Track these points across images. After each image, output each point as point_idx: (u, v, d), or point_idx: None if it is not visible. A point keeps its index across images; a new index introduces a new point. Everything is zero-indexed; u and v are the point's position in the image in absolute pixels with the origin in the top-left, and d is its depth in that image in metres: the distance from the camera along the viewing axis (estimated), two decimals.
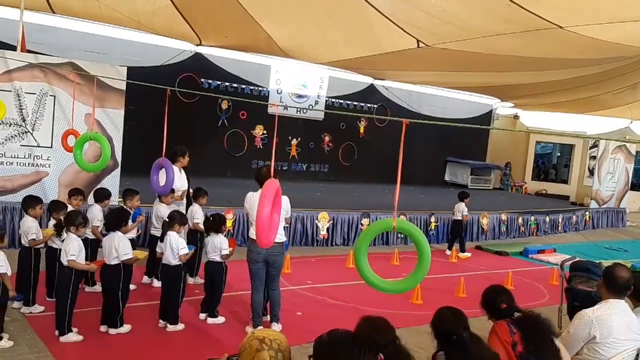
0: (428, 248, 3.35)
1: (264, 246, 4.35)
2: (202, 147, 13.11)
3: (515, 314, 3.44)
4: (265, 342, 2.13)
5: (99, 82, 8.00)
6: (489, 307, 3.57)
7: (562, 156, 22.89)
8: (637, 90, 15.23)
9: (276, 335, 2.19)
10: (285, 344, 2.17)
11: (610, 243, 13.51)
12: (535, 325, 3.36)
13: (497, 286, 3.71)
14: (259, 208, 3.62)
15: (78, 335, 4.95)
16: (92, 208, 6.37)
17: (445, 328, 3.10)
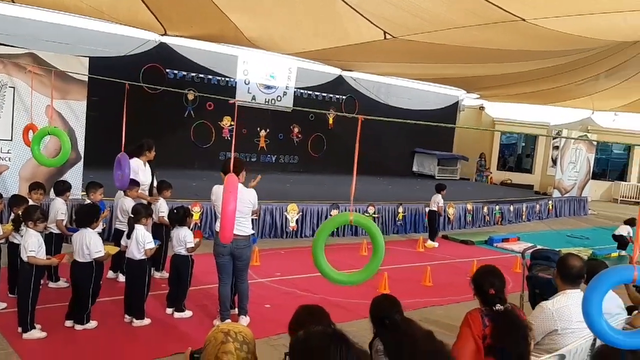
0: (382, 241, 3.50)
1: (225, 241, 4.35)
2: (169, 138, 12.93)
3: (496, 306, 3.37)
4: (230, 334, 2.13)
5: (61, 73, 7.82)
6: (477, 288, 3.51)
7: (526, 146, 23.36)
8: (598, 82, 15.62)
9: (241, 328, 2.20)
10: (250, 337, 2.18)
11: (572, 231, 13.88)
12: (510, 327, 3.31)
13: (490, 268, 3.63)
14: (224, 204, 3.62)
15: (42, 332, 4.86)
16: (55, 202, 6.25)
17: (380, 313, 3.25)
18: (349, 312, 6.27)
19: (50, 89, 7.32)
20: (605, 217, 17.43)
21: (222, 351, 2.09)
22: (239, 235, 5.32)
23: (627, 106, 18.01)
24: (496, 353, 3.28)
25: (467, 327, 3.36)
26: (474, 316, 3.39)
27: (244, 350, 2.11)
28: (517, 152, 23.84)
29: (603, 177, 22.73)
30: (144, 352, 4.78)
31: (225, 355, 2.08)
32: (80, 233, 5.17)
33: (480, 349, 3.29)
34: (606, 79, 15.30)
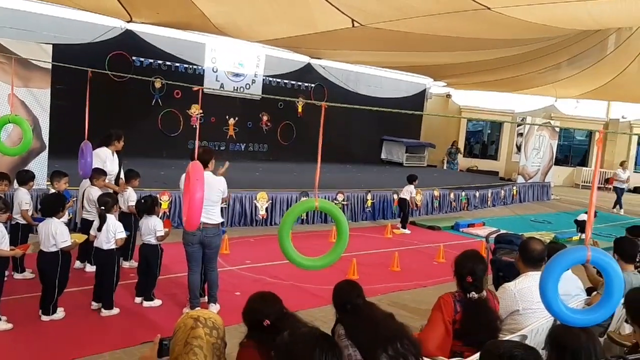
0: (347, 226, 3.62)
1: (191, 228, 4.37)
2: (136, 127, 12.77)
3: (470, 294, 3.44)
4: (200, 320, 2.16)
5: (23, 60, 7.64)
6: (456, 273, 3.57)
7: (492, 133, 23.77)
8: (560, 70, 15.99)
9: (210, 314, 2.23)
10: (219, 322, 2.22)
11: (535, 216, 14.24)
12: (480, 317, 3.39)
13: (472, 254, 3.67)
14: (191, 191, 3.63)
15: (7, 324, 4.80)
16: (18, 192, 6.14)
17: (341, 299, 3.29)
18: (319, 298, 6.35)
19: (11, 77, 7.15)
20: (567, 201, 17.92)
21: (191, 336, 2.11)
22: (208, 224, 5.34)
23: (588, 93, 18.48)
24: (463, 338, 3.39)
25: (439, 311, 3.44)
26: (446, 301, 3.47)
27: (213, 336, 2.15)
28: (482, 139, 24.24)
29: (565, 163, 23.30)
30: (113, 341, 4.77)
31: (195, 340, 2.10)
32: (46, 223, 5.11)
33: (449, 333, 3.39)
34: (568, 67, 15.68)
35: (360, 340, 3.01)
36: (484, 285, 3.53)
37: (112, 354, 4.52)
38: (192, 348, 2.09)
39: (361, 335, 3.01)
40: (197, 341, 2.10)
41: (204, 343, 2.11)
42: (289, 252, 3.59)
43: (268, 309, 2.81)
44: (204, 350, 2.10)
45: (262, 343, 2.68)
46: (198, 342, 2.10)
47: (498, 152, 22.43)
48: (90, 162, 6.05)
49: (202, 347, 2.10)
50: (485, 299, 3.52)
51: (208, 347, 2.11)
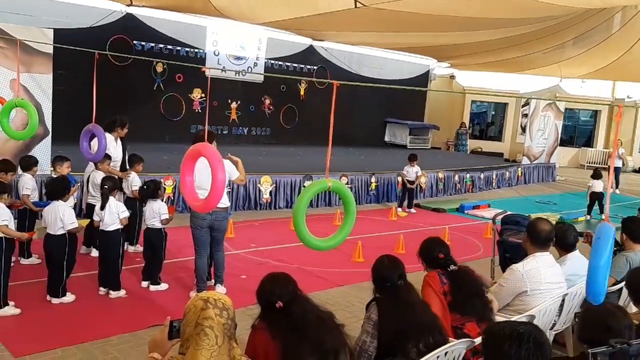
0: (355, 206, 3.78)
1: (208, 210, 4.38)
2: (138, 111, 12.72)
3: (450, 267, 3.59)
4: (210, 301, 2.16)
5: (25, 45, 7.58)
6: (426, 256, 3.71)
7: (496, 115, 23.64)
8: (566, 50, 15.83)
9: (220, 296, 2.23)
10: (229, 303, 2.21)
11: (540, 197, 14.20)
12: (465, 281, 3.53)
13: (435, 238, 3.86)
14: (214, 173, 3.66)
15: (15, 309, 4.82)
16: (22, 177, 6.12)
17: (381, 274, 3.24)
18: (324, 280, 6.37)
19: (15, 62, 7.11)
20: (572, 182, 17.86)
21: (202, 317, 2.12)
22: (218, 207, 5.34)
23: (593, 73, 18.31)
24: (457, 308, 3.44)
25: (428, 286, 3.51)
26: (432, 276, 3.56)
27: (223, 316, 2.15)
28: (487, 120, 24.11)
29: (570, 144, 23.20)
30: (121, 325, 4.78)
31: (206, 321, 2.11)
32: (53, 206, 5.13)
33: (444, 305, 3.44)
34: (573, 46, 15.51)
35: (392, 327, 3.00)
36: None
37: (120, 338, 4.54)
38: (203, 329, 2.10)
39: (396, 323, 3.00)
40: (208, 322, 2.11)
41: (214, 324, 2.11)
42: (303, 233, 3.61)
43: (280, 290, 2.78)
44: (215, 330, 2.11)
45: (274, 326, 2.68)
46: (209, 323, 2.11)
47: (503, 134, 22.32)
48: (104, 144, 5.99)
49: (212, 327, 2.10)
50: (464, 267, 3.66)
51: (219, 328, 2.12)
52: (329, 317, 2.81)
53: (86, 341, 4.42)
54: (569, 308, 4.15)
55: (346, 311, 5.32)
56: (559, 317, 4.08)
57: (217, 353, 2.10)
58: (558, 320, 4.09)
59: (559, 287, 4.01)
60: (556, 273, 4.06)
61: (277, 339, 2.61)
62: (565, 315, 4.13)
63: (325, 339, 2.65)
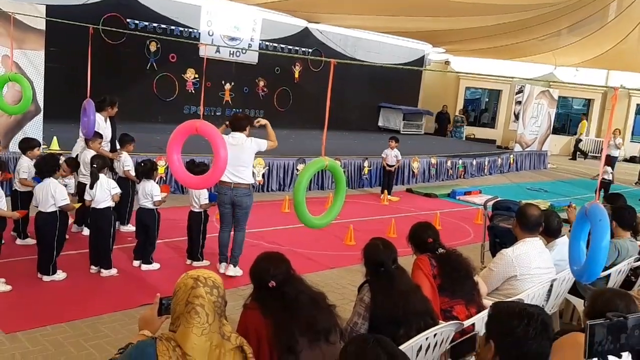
0: (345, 182, 4.14)
1: (208, 185, 4.87)
2: (130, 91, 12.62)
3: (439, 250, 3.64)
4: (200, 279, 2.17)
5: (17, 21, 7.47)
6: (416, 240, 3.75)
7: (490, 101, 23.64)
8: (560, 37, 15.83)
9: (210, 274, 2.23)
10: (219, 281, 2.23)
11: (532, 184, 14.29)
12: (454, 264, 3.57)
13: (424, 222, 3.90)
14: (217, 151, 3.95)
15: (6, 285, 4.82)
16: (20, 159, 6.05)
17: (374, 258, 3.24)
18: (315, 263, 6.40)
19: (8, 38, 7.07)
20: (564, 170, 17.97)
21: (192, 295, 2.13)
22: (239, 184, 5.56)
23: (588, 62, 18.35)
24: (447, 291, 3.49)
25: (418, 269, 3.56)
26: (422, 259, 3.61)
27: (214, 294, 2.16)
28: (480, 107, 24.12)
29: (563, 132, 23.28)
30: (113, 303, 4.80)
31: (196, 299, 2.12)
32: (44, 183, 5.12)
33: (434, 287, 3.48)
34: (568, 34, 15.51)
35: (385, 313, 3.03)
36: None
37: (111, 316, 4.56)
38: (194, 307, 2.11)
39: (389, 307, 3.03)
40: (199, 300, 2.12)
41: (205, 302, 2.13)
42: (302, 212, 3.79)
43: (275, 269, 2.79)
44: (206, 309, 2.12)
45: (266, 305, 2.69)
46: (199, 301, 2.12)
47: (496, 120, 22.35)
48: (93, 120, 5.98)
49: (203, 305, 2.12)
50: (453, 250, 3.72)
51: (209, 306, 2.13)
52: (321, 297, 2.83)
53: (77, 319, 4.43)
54: (557, 293, 4.20)
55: (337, 293, 5.36)
56: (547, 302, 4.13)
57: (208, 330, 2.11)
58: (546, 305, 4.14)
59: (548, 272, 4.06)
60: (546, 258, 4.11)
61: (269, 318, 2.62)
62: (553, 300, 4.19)
63: (317, 319, 2.67)
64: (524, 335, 2.02)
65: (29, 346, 3.97)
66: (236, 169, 5.49)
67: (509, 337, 2.04)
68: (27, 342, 4.02)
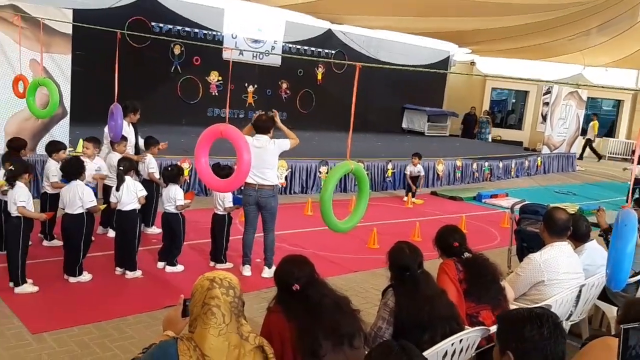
0: (368, 188, 4.19)
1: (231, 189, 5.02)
2: (155, 94, 12.75)
3: (465, 254, 3.58)
4: (216, 280, 2.19)
5: (44, 26, 7.60)
6: (442, 244, 3.70)
7: (516, 103, 23.31)
8: (589, 37, 15.52)
9: (226, 275, 2.25)
10: (235, 282, 2.23)
11: (559, 187, 14.03)
12: (480, 269, 3.52)
13: (451, 226, 3.84)
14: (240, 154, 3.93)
15: (34, 286, 4.89)
16: (48, 163, 6.13)
17: (400, 262, 3.20)
18: (339, 266, 6.36)
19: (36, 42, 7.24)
20: (592, 172, 17.61)
21: (208, 297, 2.15)
22: (264, 185, 5.61)
23: (618, 62, 17.95)
24: (473, 296, 3.44)
25: (444, 273, 3.52)
26: (447, 264, 3.57)
27: (230, 295, 2.17)
28: (507, 108, 23.79)
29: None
30: (138, 305, 4.83)
31: (212, 300, 2.13)
32: (71, 186, 5.18)
33: (460, 292, 3.44)
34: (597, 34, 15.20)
35: (410, 318, 2.99)
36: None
37: (136, 317, 4.58)
38: (210, 308, 2.12)
39: (414, 312, 2.99)
40: (215, 301, 2.13)
41: (221, 303, 2.14)
42: (329, 217, 3.84)
43: (299, 272, 2.77)
44: (222, 309, 2.13)
45: (290, 308, 2.67)
46: (215, 302, 2.13)
47: (523, 122, 22.02)
48: (120, 123, 6.07)
49: (219, 306, 2.13)
50: (479, 254, 3.67)
51: (226, 307, 2.14)
52: (345, 301, 2.80)
53: (102, 320, 4.46)
54: (586, 299, 4.10)
55: (360, 297, 5.31)
56: (576, 308, 4.03)
57: (225, 331, 2.12)
58: (575, 311, 4.05)
59: (577, 278, 3.97)
60: (574, 263, 4.02)
61: (293, 321, 2.60)
62: (582, 306, 4.09)
63: (340, 323, 2.64)
64: (539, 338, 2.00)
65: (55, 347, 4.01)
66: (261, 171, 5.56)
67: (526, 343, 2.01)
68: (53, 343, 4.06)
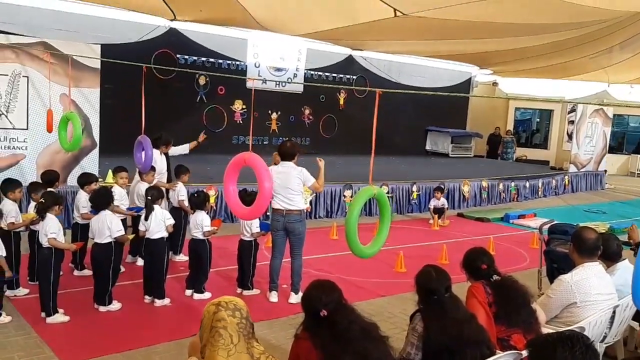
0: (390, 213, 4.27)
1: (255, 216, 5.09)
2: (181, 123, 12.97)
3: (493, 277, 3.53)
4: (221, 304, 2.23)
5: (74, 61, 7.86)
6: (470, 267, 3.66)
7: (541, 121, 23.08)
8: (613, 54, 15.36)
9: (232, 298, 2.29)
10: (241, 304, 2.27)
11: (589, 206, 13.77)
12: (510, 291, 3.46)
13: (479, 248, 3.79)
14: (261, 182, 4.11)
15: (64, 316, 4.96)
16: (79, 194, 6.25)
17: (427, 285, 3.18)
18: (365, 291, 6.32)
19: (66, 77, 7.43)
20: (622, 190, 17.26)
21: (215, 320, 2.18)
22: (291, 210, 5.65)
23: None
24: (503, 319, 3.37)
25: (473, 297, 3.46)
26: (476, 287, 3.51)
27: (237, 316, 2.20)
28: (532, 128, 23.56)
29: (619, 151, 22.44)
30: (166, 333, 4.86)
31: (219, 323, 2.17)
32: (100, 215, 5.28)
33: (489, 316, 3.38)
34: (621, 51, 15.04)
35: (438, 343, 2.96)
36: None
37: (164, 346, 4.60)
38: (217, 330, 2.15)
39: (442, 337, 2.95)
40: (221, 323, 2.17)
41: (227, 324, 2.16)
42: (355, 243, 3.88)
43: (326, 298, 2.76)
44: (229, 330, 2.15)
45: (317, 335, 2.66)
46: (222, 324, 2.16)
47: (548, 141, 21.75)
48: (150, 155, 6.20)
49: (226, 327, 2.16)
50: (508, 276, 3.61)
51: (232, 327, 2.17)
52: (374, 327, 2.78)
53: (132, 348, 4.50)
54: (620, 320, 3.99)
55: (388, 322, 5.26)
56: (610, 330, 3.93)
57: (235, 351, 2.14)
58: (609, 333, 3.95)
59: (610, 299, 3.88)
60: (606, 283, 3.93)
61: (320, 348, 2.59)
62: (616, 327, 3.98)
63: (369, 350, 2.61)
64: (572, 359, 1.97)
65: None
66: (287, 196, 5.66)
67: None
68: None
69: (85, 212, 6.03)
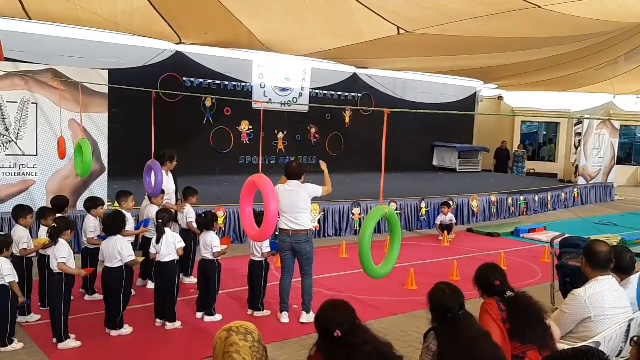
0: (400, 232, 4.21)
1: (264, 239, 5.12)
2: (189, 145, 13.04)
3: (507, 293, 3.49)
4: (233, 329, 2.21)
5: (82, 87, 7.95)
6: (483, 284, 3.62)
7: (548, 134, 23.04)
8: (618, 65, 15.36)
9: (242, 323, 2.27)
10: (252, 328, 2.25)
11: (599, 218, 13.67)
12: (524, 308, 3.41)
13: (491, 264, 3.76)
14: (267, 204, 4.09)
15: (76, 342, 4.95)
16: (86, 219, 6.30)
17: (440, 303, 3.15)
18: (377, 309, 6.27)
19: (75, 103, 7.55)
20: (632, 202, 17.14)
21: (228, 345, 2.16)
22: (298, 230, 5.66)
23: None
24: (518, 336, 3.33)
25: (487, 314, 3.42)
26: (490, 304, 3.47)
27: (248, 340, 2.18)
28: (538, 141, 23.52)
29: (628, 162, 22.34)
30: (178, 356, 4.85)
31: (232, 347, 2.15)
32: (111, 240, 5.29)
33: (504, 333, 3.34)
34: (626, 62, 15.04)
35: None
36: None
37: None
38: (231, 355, 2.13)
39: (457, 355, 2.93)
40: (234, 347, 2.15)
41: (240, 348, 2.15)
42: (368, 264, 3.88)
43: (340, 318, 2.73)
44: (242, 354, 2.14)
45: (331, 356, 2.63)
46: (235, 348, 2.14)
47: (556, 154, 21.69)
48: (160, 179, 6.23)
49: (239, 351, 2.14)
50: (522, 292, 3.56)
51: (245, 351, 2.15)
52: (388, 347, 2.75)
53: None
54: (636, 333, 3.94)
55: (402, 341, 5.21)
56: (626, 344, 3.88)
57: None
58: (625, 347, 3.89)
59: (625, 312, 3.83)
60: (621, 297, 3.88)
61: None
62: None
63: None
64: None
65: None
66: (294, 216, 5.65)
67: None
68: None
69: (91, 238, 6.06)
